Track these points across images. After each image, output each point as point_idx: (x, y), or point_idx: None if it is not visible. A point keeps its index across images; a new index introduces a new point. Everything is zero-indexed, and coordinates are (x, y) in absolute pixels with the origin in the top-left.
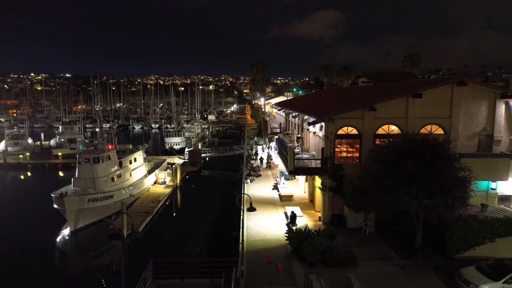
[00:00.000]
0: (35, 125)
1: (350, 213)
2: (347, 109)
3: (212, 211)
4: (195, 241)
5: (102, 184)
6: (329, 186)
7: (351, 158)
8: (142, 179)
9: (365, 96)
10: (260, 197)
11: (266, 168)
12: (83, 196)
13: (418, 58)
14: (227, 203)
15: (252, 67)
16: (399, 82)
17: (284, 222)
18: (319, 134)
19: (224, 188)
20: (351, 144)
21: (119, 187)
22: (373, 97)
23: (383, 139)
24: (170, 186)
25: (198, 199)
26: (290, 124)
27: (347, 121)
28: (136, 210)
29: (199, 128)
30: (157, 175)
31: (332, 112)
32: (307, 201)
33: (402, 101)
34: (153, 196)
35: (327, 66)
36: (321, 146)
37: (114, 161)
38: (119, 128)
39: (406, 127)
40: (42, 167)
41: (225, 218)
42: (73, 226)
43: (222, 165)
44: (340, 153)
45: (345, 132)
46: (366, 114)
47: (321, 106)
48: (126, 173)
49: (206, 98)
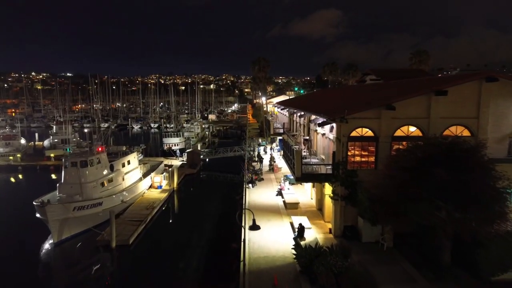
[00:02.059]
0: (31, 124)
1: (365, 225)
2: (362, 108)
3: (211, 218)
4: (191, 254)
5: (91, 190)
6: (341, 194)
7: (366, 163)
8: (136, 183)
9: (377, 94)
10: (263, 204)
11: (268, 171)
12: (67, 204)
13: (427, 55)
14: (227, 209)
15: (253, 65)
16: (416, 78)
17: (290, 234)
18: (329, 136)
19: (224, 192)
20: (366, 147)
21: (110, 193)
22: (387, 95)
23: (402, 141)
24: (167, 190)
25: (196, 205)
26: (294, 124)
27: (361, 122)
28: (128, 218)
29: (199, 128)
30: (152, 178)
31: (346, 112)
32: (314, 209)
33: (423, 99)
34: (147, 202)
35: (332, 64)
36: (330, 149)
37: (104, 165)
38: (117, 128)
39: (428, 129)
40: (33, 169)
41: (225, 226)
42: (57, 237)
43: (223, 166)
44: (353, 158)
45: (359, 134)
46: (383, 113)
47: (330, 105)
48: (118, 177)
49: (206, 97)
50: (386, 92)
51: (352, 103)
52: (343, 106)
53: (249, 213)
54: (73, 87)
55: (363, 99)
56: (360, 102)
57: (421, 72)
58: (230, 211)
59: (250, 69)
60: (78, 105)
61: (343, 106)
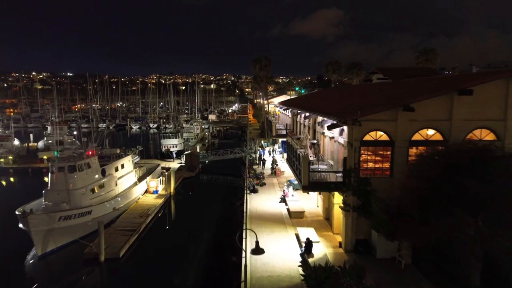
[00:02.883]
0: (28, 124)
1: (380, 240)
2: (377, 109)
3: (209, 227)
4: (187, 268)
5: (79, 198)
6: (353, 205)
7: (380, 170)
8: (130, 188)
9: (389, 94)
10: (265, 212)
11: (270, 175)
12: (52, 214)
13: (435, 53)
14: (227, 216)
15: (255, 63)
16: (432, 77)
17: (295, 248)
18: (338, 139)
19: (224, 196)
20: (380, 152)
21: (101, 200)
22: (402, 95)
23: (420, 146)
24: (163, 195)
25: (193, 211)
26: (298, 126)
27: (376, 125)
28: (120, 227)
29: (199, 129)
30: (148, 183)
31: (359, 113)
32: (321, 219)
33: (444, 99)
34: (142, 209)
35: (335, 63)
36: (340, 154)
37: (95, 169)
38: (115, 128)
39: (450, 132)
40: (25, 172)
41: (225, 236)
42: (41, 249)
43: (222, 168)
44: (366, 164)
45: (373, 137)
46: (400, 115)
47: (339, 106)
48: (111, 183)
49: (207, 97)
50: (399, 92)
51: (363, 103)
52: (354, 107)
53: (251, 232)
54: (73, 87)
55: (374, 100)
56: (371, 103)
57: (430, 71)
58: (230, 218)
59: (251, 68)
60: (77, 105)
61: (354, 107)
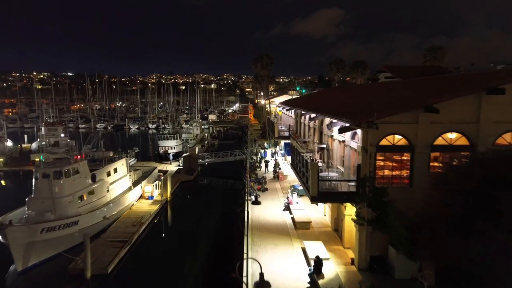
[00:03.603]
0: (25, 125)
1: (399, 258)
2: (396, 110)
3: (208, 237)
4: (183, 286)
5: (65, 206)
6: (367, 218)
7: (398, 178)
8: (124, 194)
9: (404, 94)
10: (268, 222)
11: (273, 179)
12: (33, 226)
13: (443, 51)
14: (227, 223)
15: (256, 62)
16: (452, 75)
17: (302, 264)
18: (350, 144)
19: (224, 202)
20: (398, 158)
21: (90, 208)
22: (419, 95)
23: (444, 152)
24: (158, 201)
25: (191, 219)
26: (302, 127)
27: (393, 128)
28: (110, 238)
29: (198, 129)
30: (143, 187)
31: (375, 115)
32: (329, 230)
33: (471, 99)
34: (135, 217)
35: (339, 61)
36: (352, 160)
37: (84, 175)
38: (113, 129)
39: (478, 136)
40: (16, 175)
41: (224, 246)
42: (21, 264)
43: (222, 171)
44: (382, 171)
45: (390, 142)
46: (420, 117)
47: (349, 107)
48: (102, 189)
49: (207, 97)
50: (415, 92)
51: (376, 104)
52: (368, 108)
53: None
54: (72, 87)
55: (388, 100)
56: (386, 103)
57: (442, 69)
58: (230, 227)
59: (252, 66)
60: (76, 105)
61: (368, 108)
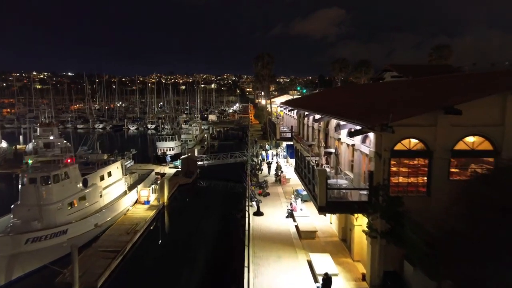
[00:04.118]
0: (22, 125)
1: (417, 275)
2: (414, 112)
3: (206, 245)
4: None
5: (54, 214)
6: (380, 230)
7: (413, 186)
8: (118, 199)
9: (414, 94)
10: (271, 230)
11: (275, 183)
12: (17, 236)
13: (449, 50)
14: (227, 230)
15: (256, 61)
16: (466, 73)
17: (308, 278)
18: (360, 148)
19: (224, 206)
20: (414, 165)
21: (81, 215)
22: (430, 94)
23: (465, 157)
24: (155, 206)
25: (189, 225)
26: (305, 129)
27: (409, 131)
28: (102, 248)
29: (198, 130)
30: (138, 192)
31: (391, 117)
32: (336, 239)
33: (495, 100)
34: (129, 223)
35: (342, 60)
36: (363, 166)
37: (74, 180)
38: (112, 129)
39: (503, 140)
40: (8, 178)
41: (224, 256)
42: (5, 277)
43: (222, 173)
44: (396, 178)
45: (405, 147)
46: (440, 119)
47: (358, 108)
48: (94, 194)
49: (207, 96)
50: (427, 91)
51: (388, 105)
52: (380, 109)
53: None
54: (72, 87)
55: (398, 100)
56: (399, 104)
57: (451, 68)
58: (230, 234)
59: (253, 65)
60: (75, 105)
61: (380, 109)
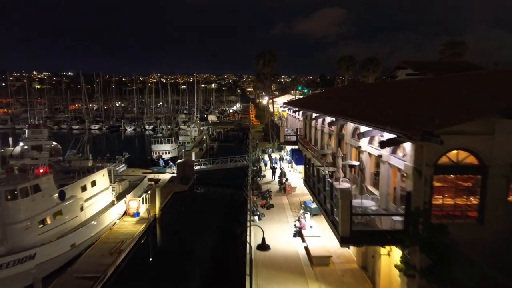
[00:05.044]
0: (16, 126)
1: None
2: (465, 117)
3: (201, 268)
4: None
5: (21, 234)
6: (420, 266)
7: (460, 211)
8: (103, 211)
9: (454, 95)
10: (276, 254)
11: (278, 192)
12: None
13: (464, 46)
14: (226, 248)
15: (258, 59)
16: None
17: None
18: (389, 160)
19: (223, 219)
20: (463, 184)
21: (56, 234)
22: (478, 95)
23: None
24: (145, 219)
25: (182, 242)
26: (312, 132)
27: (458, 140)
28: (79, 273)
29: (196, 131)
30: (127, 202)
31: (436, 123)
32: (355, 267)
33: None
34: (114, 241)
35: (349, 58)
36: (391, 182)
37: (48, 192)
38: (108, 130)
39: None
40: None
41: (222, 280)
42: None
43: (222, 178)
44: (440, 200)
45: (452, 160)
46: (498, 125)
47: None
48: (73, 208)
49: (207, 96)
50: (472, 90)
51: (420, 107)
52: (416, 113)
53: None
54: (71, 86)
55: (434, 101)
56: (435, 106)
57: (471, 65)
58: (229, 254)
59: (254, 63)
60: (74, 105)
61: (416, 113)
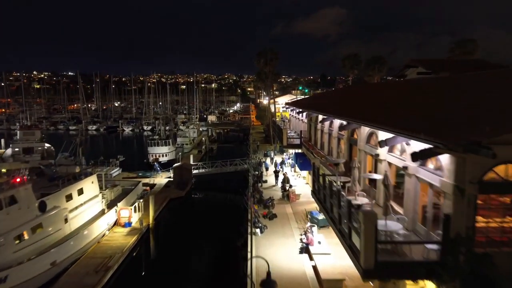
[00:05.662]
0: (12, 126)
1: None
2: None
3: (200, 284)
4: None
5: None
6: None
7: (507, 236)
8: (91, 222)
9: (491, 96)
10: (281, 274)
11: (281, 199)
12: None
13: (475, 44)
14: (225, 262)
15: (259, 57)
16: None
17: None
18: (418, 174)
19: (222, 228)
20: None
21: (34, 250)
22: None
23: None
24: (137, 230)
25: (177, 257)
26: (317, 135)
27: (509, 152)
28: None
29: (195, 132)
30: (118, 212)
31: (487, 130)
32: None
33: None
34: (101, 256)
35: (354, 56)
36: (421, 202)
37: (26, 204)
38: (106, 131)
39: None
40: None
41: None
42: None
43: (221, 182)
44: (485, 223)
45: (500, 176)
46: None
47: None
48: (56, 220)
49: (207, 96)
50: (498, 92)
51: (459, 111)
52: (448, 119)
53: None
54: (71, 86)
55: (472, 105)
56: (473, 110)
57: (486, 64)
58: (228, 269)
59: (255, 62)
60: (73, 105)
61: (448, 119)
